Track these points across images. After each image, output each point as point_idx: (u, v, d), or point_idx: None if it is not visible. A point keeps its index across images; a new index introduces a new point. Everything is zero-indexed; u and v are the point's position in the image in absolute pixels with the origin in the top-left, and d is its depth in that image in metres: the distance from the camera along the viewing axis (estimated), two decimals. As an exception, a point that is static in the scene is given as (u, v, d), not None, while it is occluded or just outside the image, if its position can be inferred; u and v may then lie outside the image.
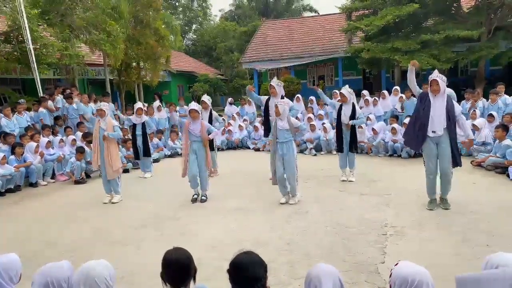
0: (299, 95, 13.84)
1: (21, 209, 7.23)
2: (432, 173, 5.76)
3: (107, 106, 7.38)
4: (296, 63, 23.67)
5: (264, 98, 7.79)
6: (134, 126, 9.19)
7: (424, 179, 5.88)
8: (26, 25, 10.62)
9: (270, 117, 7.55)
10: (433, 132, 5.57)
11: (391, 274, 2.14)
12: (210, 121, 8.41)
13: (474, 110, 9.98)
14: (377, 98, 12.12)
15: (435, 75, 5.53)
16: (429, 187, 5.85)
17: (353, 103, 7.56)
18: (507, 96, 10.14)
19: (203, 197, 6.97)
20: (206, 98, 8.64)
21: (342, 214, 5.77)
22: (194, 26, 44.49)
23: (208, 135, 7.04)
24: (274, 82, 7.57)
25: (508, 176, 7.20)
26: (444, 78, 5.57)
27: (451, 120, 5.51)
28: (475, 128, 9.29)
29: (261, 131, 11.57)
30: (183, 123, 7.17)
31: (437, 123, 5.54)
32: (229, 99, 15.57)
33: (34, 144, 8.94)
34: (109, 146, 7.08)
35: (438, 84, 5.44)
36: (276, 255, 4.47)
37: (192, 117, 6.80)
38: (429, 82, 5.55)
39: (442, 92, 5.50)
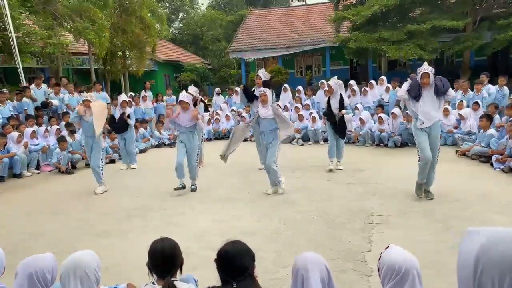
0: (286, 85, 13.82)
1: (5, 200, 7.12)
2: (427, 160, 5.62)
3: (93, 97, 7.22)
4: (283, 53, 23.59)
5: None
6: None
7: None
8: (8, 13, 10.35)
9: (255, 109, 7.56)
10: (422, 124, 5.63)
11: (380, 257, 2.15)
12: None
13: (462, 101, 10.08)
14: (366, 88, 12.14)
15: (426, 67, 5.54)
16: (421, 173, 5.75)
17: (340, 94, 7.57)
18: (490, 86, 10.29)
19: (192, 186, 6.89)
20: (192, 89, 8.54)
21: (329, 203, 5.81)
22: (180, 15, 43.95)
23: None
24: (262, 73, 7.56)
25: (492, 165, 7.32)
26: (433, 70, 5.62)
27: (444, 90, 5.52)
28: (460, 118, 9.41)
29: (248, 121, 11.51)
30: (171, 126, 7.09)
31: (425, 115, 5.59)
32: (216, 89, 15.47)
33: (16, 134, 8.78)
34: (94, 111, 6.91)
35: (429, 77, 5.48)
36: (263, 244, 4.48)
37: (182, 108, 6.72)
38: (420, 75, 5.54)
39: (432, 83, 5.55)
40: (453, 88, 11.35)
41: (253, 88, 7.79)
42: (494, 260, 1.04)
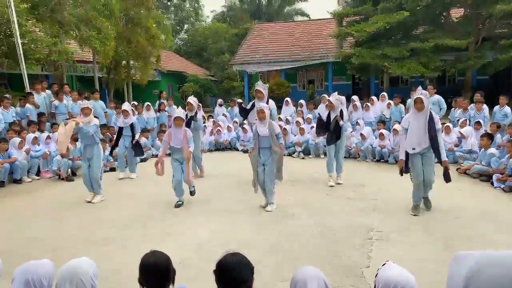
0: (288, 98, 13.88)
1: (4, 205, 7.11)
2: (419, 182, 5.82)
3: (90, 105, 7.16)
4: (286, 67, 23.76)
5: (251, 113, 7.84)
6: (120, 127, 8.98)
7: (410, 184, 5.97)
8: (15, 19, 10.45)
9: (251, 123, 7.60)
10: (413, 149, 5.68)
11: (377, 273, 2.13)
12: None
13: (465, 120, 10.03)
14: (368, 104, 12.15)
15: (419, 93, 5.57)
16: (415, 195, 5.93)
17: (341, 110, 7.59)
18: (484, 106, 10.29)
19: (191, 188, 6.86)
20: (192, 99, 8.40)
21: (329, 218, 5.79)
22: (185, 26, 44.35)
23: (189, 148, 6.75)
24: (261, 86, 7.46)
25: (492, 184, 7.31)
26: (427, 94, 5.68)
27: (431, 134, 5.57)
28: (462, 136, 9.41)
29: (250, 133, 11.54)
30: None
31: (416, 139, 5.64)
32: (219, 100, 15.55)
33: (18, 139, 8.80)
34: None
35: (422, 102, 5.51)
36: (261, 257, 4.46)
37: (175, 124, 6.55)
38: (414, 100, 5.60)
39: (426, 108, 5.57)
40: (452, 106, 11.42)
41: (253, 101, 7.76)
42: (484, 284, 1.02)
